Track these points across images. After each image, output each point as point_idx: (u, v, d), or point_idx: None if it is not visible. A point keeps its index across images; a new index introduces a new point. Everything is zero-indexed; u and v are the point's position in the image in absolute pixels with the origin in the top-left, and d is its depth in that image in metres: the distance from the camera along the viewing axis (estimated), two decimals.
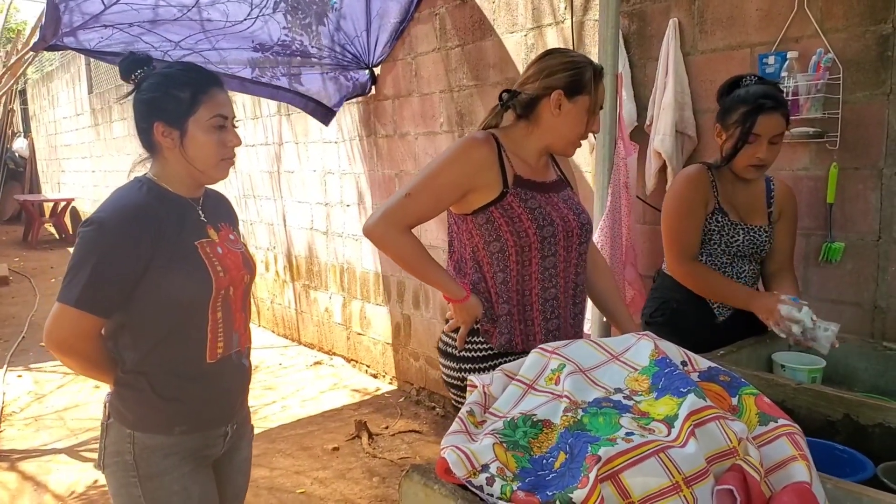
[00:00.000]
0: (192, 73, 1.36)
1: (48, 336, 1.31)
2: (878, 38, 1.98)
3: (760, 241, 1.91)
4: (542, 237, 1.56)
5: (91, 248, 1.27)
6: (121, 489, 1.38)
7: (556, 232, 1.58)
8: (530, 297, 1.59)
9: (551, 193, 1.62)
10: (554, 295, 1.61)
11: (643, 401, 1.02)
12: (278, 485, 2.96)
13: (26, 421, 3.81)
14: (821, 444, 1.26)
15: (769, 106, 1.77)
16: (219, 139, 1.36)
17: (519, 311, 1.60)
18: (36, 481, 3.07)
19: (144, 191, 1.35)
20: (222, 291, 1.38)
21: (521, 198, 1.56)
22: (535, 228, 1.55)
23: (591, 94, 1.57)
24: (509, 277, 1.58)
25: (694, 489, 0.85)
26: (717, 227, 1.88)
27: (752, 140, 1.79)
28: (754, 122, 1.77)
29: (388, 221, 1.55)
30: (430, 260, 1.61)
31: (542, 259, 1.58)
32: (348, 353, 4.59)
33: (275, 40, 3.40)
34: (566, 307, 1.64)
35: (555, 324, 1.62)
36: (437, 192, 1.56)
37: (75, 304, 1.26)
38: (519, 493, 0.88)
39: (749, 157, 1.81)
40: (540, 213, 1.57)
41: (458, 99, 3.40)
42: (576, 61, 1.59)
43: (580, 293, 1.68)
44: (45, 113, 12.01)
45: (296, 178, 4.82)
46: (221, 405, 1.45)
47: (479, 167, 1.55)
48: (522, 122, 1.63)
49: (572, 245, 1.62)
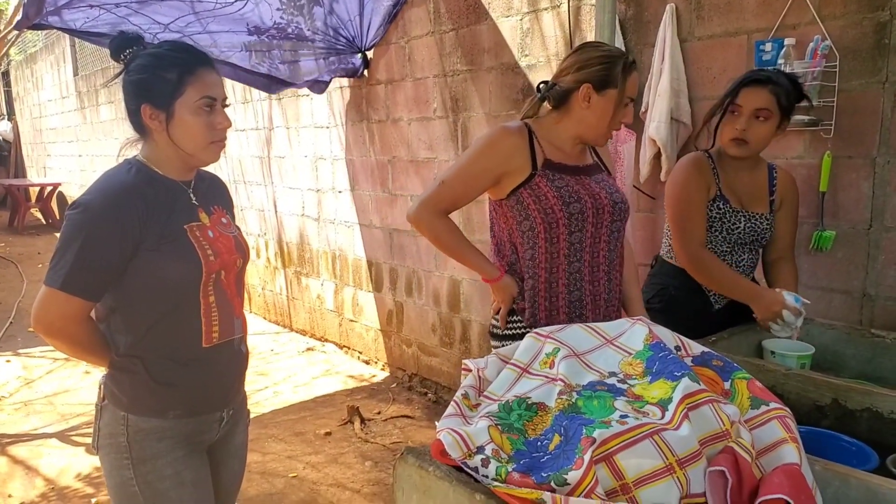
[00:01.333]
0: (180, 53, 1.34)
1: (36, 319, 1.30)
2: (876, 26, 1.98)
3: (762, 229, 1.91)
4: (569, 213, 1.63)
5: (77, 231, 1.26)
6: (113, 471, 1.38)
7: (585, 208, 1.64)
8: (557, 272, 1.67)
9: (583, 176, 1.70)
10: (578, 269, 1.68)
11: (637, 384, 1.03)
12: (270, 469, 2.97)
13: (16, 406, 3.79)
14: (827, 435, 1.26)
15: (753, 79, 1.78)
16: (207, 121, 1.33)
17: (546, 286, 1.67)
18: (26, 465, 3.06)
19: (133, 173, 1.33)
20: (213, 275, 1.36)
21: (549, 178, 1.65)
22: (562, 205, 1.63)
23: (620, 88, 1.62)
24: (538, 254, 1.67)
25: (687, 470, 0.86)
26: (718, 213, 1.88)
27: (734, 110, 1.79)
28: (737, 92, 1.78)
29: (425, 207, 1.69)
30: (466, 243, 1.73)
31: (570, 234, 1.65)
32: (340, 340, 4.59)
33: (270, 23, 3.36)
34: (594, 282, 1.70)
35: (576, 295, 1.68)
36: (469, 179, 1.67)
37: (61, 287, 1.25)
38: (514, 475, 0.88)
39: (730, 129, 1.81)
40: (567, 191, 1.64)
41: (451, 84, 3.38)
42: (606, 55, 1.64)
43: (616, 267, 1.73)
44: (30, 95, 11.82)
45: (287, 164, 4.78)
46: (217, 390, 1.44)
47: (508, 154, 1.64)
48: (555, 112, 1.70)
49: (603, 222, 1.68)
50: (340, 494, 2.75)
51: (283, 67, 3.71)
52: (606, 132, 1.67)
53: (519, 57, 3.02)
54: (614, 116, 1.64)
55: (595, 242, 1.68)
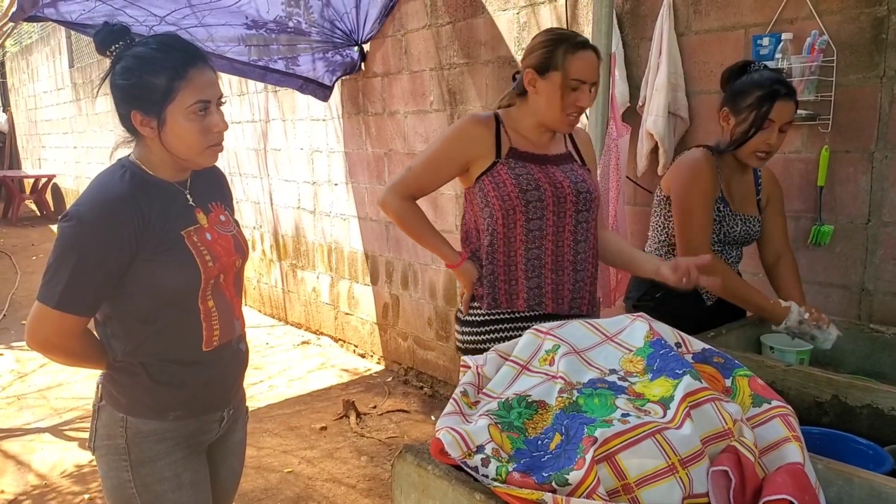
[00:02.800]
0: (169, 53, 1.23)
1: (30, 336, 1.26)
2: (873, 21, 1.97)
3: (754, 231, 1.91)
4: (525, 201, 1.65)
5: (71, 246, 1.21)
6: (111, 472, 1.35)
7: (544, 196, 1.65)
8: (515, 257, 1.69)
9: (550, 165, 1.70)
10: (537, 255, 1.69)
11: (638, 382, 1.02)
12: (266, 464, 2.96)
13: (8, 400, 3.77)
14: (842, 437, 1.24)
15: (784, 92, 1.73)
16: (202, 126, 1.25)
17: (505, 271, 1.70)
18: (19, 460, 3.04)
19: (127, 178, 1.27)
20: (212, 281, 1.32)
21: (511, 166, 1.67)
22: (519, 192, 1.65)
23: (561, 69, 1.60)
24: (496, 240, 1.69)
25: (689, 470, 0.85)
26: (718, 216, 1.85)
27: (766, 126, 1.74)
28: (771, 106, 1.72)
29: (393, 191, 1.75)
30: (430, 227, 1.79)
31: (527, 222, 1.67)
32: (336, 333, 4.57)
33: (269, 17, 3.33)
34: (557, 271, 1.70)
35: (535, 282, 1.70)
36: (434, 166, 1.73)
37: (56, 306, 1.21)
38: (514, 475, 0.87)
39: (759, 143, 1.76)
40: (526, 178, 1.66)
41: (448, 77, 3.36)
42: (550, 39, 1.64)
43: (582, 260, 1.72)
44: (25, 87, 11.72)
45: (283, 156, 4.75)
46: (218, 391, 1.42)
47: (473, 143, 1.69)
48: (518, 101, 1.73)
49: (565, 211, 1.68)
50: (336, 489, 2.74)
51: (281, 63, 3.68)
52: (561, 116, 1.65)
53: (516, 50, 3.00)
54: (563, 99, 1.62)
55: (558, 231, 1.69)
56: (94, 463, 2.91)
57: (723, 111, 1.84)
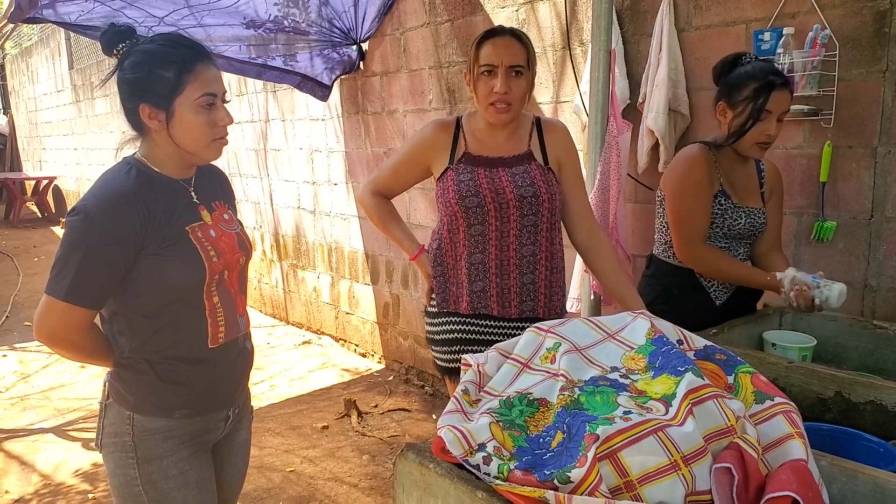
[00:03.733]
0: (177, 49, 1.28)
1: (38, 329, 1.27)
2: (875, 15, 1.96)
3: (759, 224, 1.90)
4: (465, 207, 1.70)
5: (78, 240, 1.23)
6: (117, 470, 1.36)
7: (483, 202, 1.69)
8: (459, 262, 1.76)
9: (500, 168, 1.72)
10: (481, 260, 1.73)
11: (640, 379, 1.02)
12: (268, 464, 2.96)
13: (12, 401, 3.77)
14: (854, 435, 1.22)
15: (779, 82, 1.74)
16: (208, 119, 1.29)
17: (453, 273, 1.78)
18: (23, 461, 3.04)
19: (133, 175, 1.29)
20: (216, 276, 1.34)
21: (458, 172, 1.72)
22: (458, 199, 1.70)
23: (474, 61, 1.66)
24: (443, 243, 1.77)
25: (692, 467, 0.85)
26: (720, 210, 1.85)
27: (764, 117, 1.74)
28: (767, 97, 1.73)
29: (365, 187, 1.89)
30: (393, 220, 1.88)
31: (469, 227, 1.72)
32: (337, 333, 4.57)
33: (266, 16, 3.32)
34: (502, 275, 1.73)
35: (479, 286, 1.74)
36: (398, 168, 1.83)
37: (64, 298, 1.23)
38: (516, 473, 0.86)
39: (759, 134, 1.76)
40: (467, 185, 1.69)
41: (447, 75, 3.35)
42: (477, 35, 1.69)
43: (528, 263, 1.74)
44: (25, 89, 11.73)
45: (282, 156, 4.75)
46: (224, 389, 1.42)
47: (432, 147, 1.76)
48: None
49: (508, 216, 1.70)
50: (338, 488, 2.74)
51: (279, 61, 3.68)
52: (485, 107, 1.67)
53: None
54: (478, 88, 1.66)
55: (502, 236, 1.71)
56: (98, 463, 2.91)
57: (719, 105, 1.84)
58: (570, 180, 1.78)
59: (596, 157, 2.40)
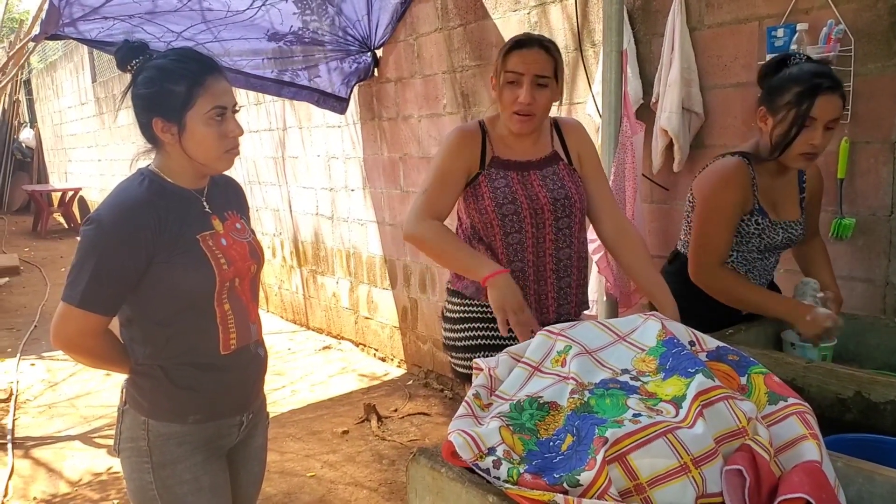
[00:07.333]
0: (187, 64, 1.31)
1: (55, 335, 1.31)
2: (890, 8, 1.93)
3: (797, 235, 1.80)
4: (502, 215, 1.67)
5: (92, 248, 1.27)
6: (133, 474, 1.39)
7: (520, 209, 1.67)
8: None
9: (531, 171, 1.71)
10: (520, 268, 1.70)
11: (650, 381, 1.01)
12: (288, 469, 2.99)
13: (40, 409, 3.85)
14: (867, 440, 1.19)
15: (827, 85, 1.56)
16: (219, 131, 1.32)
17: None
18: (50, 468, 3.11)
19: (145, 185, 1.33)
20: (227, 284, 1.36)
21: (491, 178, 1.69)
22: (495, 206, 1.67)
23: (500, 68, 1.66)
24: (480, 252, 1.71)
25: (703, 469, 0.84)
26: (756, 229, 1.74)
27: (808, 124, 1.57)
28: (812, 103, 1.56)
29: (412, 219, 1.67)
30: (460, 242, 1.68)
31: (505, 235, 1.69)
32: (356, 338, 4.60)
33: (288, 28, 3.36)
34: (539, 281, 1.71)
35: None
36: (445, 180, 1.70)
37: (79, 304, 1.27)
38: (526, 476, 0.87)
39: (802, 143, 1.59)
40: (503, 192, 1.67)
41: (461, 80, 3.36)
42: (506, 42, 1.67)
43: (564, 267, 1.73)
44: (50, 103, 12.01)
45: (300, 164, 4.80)
46: (237, 395, 1.45)
47: (467, 151, 1.71)
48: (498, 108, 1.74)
49: (544, 222, 1.69)
50: (357, 493, 2.75)
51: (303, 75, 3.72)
52: (509, 115, 1.66)
53: None
54: (502, 95, 1.65)
55: (538, 243, 1.69)
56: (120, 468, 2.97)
57: (759, 111, 1.69)
58: (592, 172, 1.78)
59: (609, 158, 2.39)
